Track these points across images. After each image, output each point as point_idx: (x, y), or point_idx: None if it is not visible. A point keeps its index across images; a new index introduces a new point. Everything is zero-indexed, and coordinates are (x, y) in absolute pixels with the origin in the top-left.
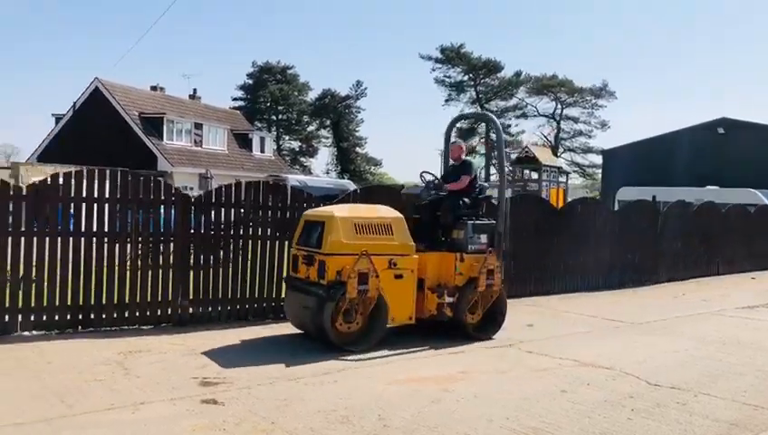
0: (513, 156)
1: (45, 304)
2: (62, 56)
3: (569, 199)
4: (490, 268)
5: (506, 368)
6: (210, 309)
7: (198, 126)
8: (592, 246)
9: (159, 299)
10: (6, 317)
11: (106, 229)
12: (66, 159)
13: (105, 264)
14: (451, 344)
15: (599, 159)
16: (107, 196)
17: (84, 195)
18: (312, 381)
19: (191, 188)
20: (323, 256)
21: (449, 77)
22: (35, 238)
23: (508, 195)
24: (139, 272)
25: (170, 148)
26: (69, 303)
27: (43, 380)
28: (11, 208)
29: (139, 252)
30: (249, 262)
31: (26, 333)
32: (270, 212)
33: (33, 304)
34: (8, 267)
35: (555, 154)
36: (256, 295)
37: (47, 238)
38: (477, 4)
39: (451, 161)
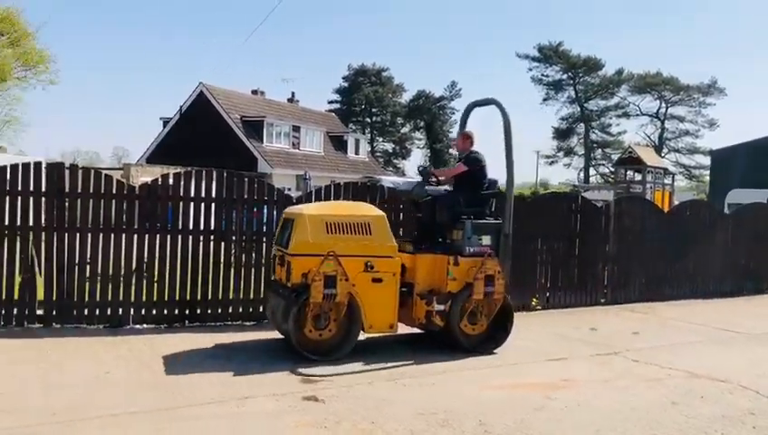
0: (615, 157)
1: (156, 298)
2: (170, 62)
3: (675, 202)
4: (489, 274)
5: (611, 377)
6: None
7: (296, 129)
8: (702, 251)
9: (262, 296)
10: (120, 310)
11: (212, 227)
12: (173, 160)
13: (211, 261)
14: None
15: (706, 160)
16: (213, 195)
17: (192, 194)
18: (411, 383)
19: (289, 189)
20: (290, 256)
21: (547, 76)
22: (147, 235)
23: (609, 197)
24: (243, 270)
25: (269, 150)
26: (177, 298)
27: (154, 371)
28: (124, 207)
29: (243, 250)
30: None
31: (138, 326)
32: None
33: (144, 299)
34: (122, 262)
35: (659, 155)
36: None
37: (157, 235)
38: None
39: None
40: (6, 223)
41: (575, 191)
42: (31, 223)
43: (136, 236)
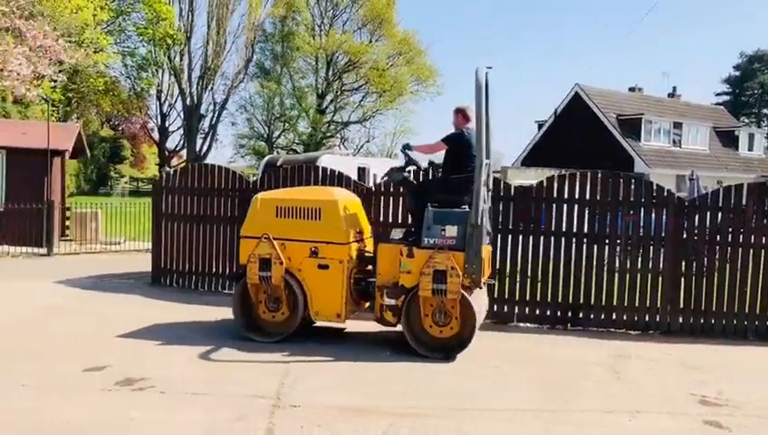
0: None
1: (539, 299)
2: (544, 64)
3: None
4: (439, 269)
5: None
6: (702, 321)
7: (677, 125)
8: None
9: (648, 305)
10: (505, 308)
11: (593, 231)
12: (546, 162)
13: (594, 265)
14: None
15: None
16: (589, 197)
17: (566, 196)
18: None
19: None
20: (241, 238)
21: None
22: (531, 237)
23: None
24: (627, 275)
25: (647, 149)
26: (559, 300)
27: (539, 371)
28: (500, 208)
29: (627, 255)
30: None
31: (521, 324)
32: None
33: (528, 298)
34: (507, 262)
35: None
36: (757, 312)
37: (541, 237)
38: None
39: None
40: (409, 221)
41: None
42: None
43: (520, 237)
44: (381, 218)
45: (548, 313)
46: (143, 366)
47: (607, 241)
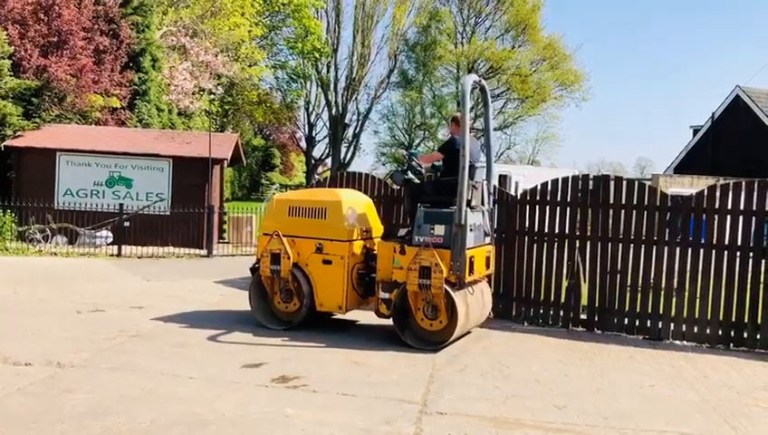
0: None
1: (697, 316)
2: (701, 68)
3: None
4: (424, 265)
5: None
6: None
7: None
8: None
9: None
10: (659, 324)
11: (760, 245)
12: (701, 170)
13: (762, 280)
14: None
15: None
16: (754, 208)
17: (730, 207)
18: None
19: None
20: (261, 235)
21: None
22: (689, 250)
23: None
24: None
25: None
26: (721, 318)
27: (699, 393)
28: (656, 218)
29: None
30: None
31: (677, 342)
32: None
33: (684, 315)
34: (663, 275)
35: None
36: None
37: (700, 250)
38: None
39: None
40: (556, 231)
41: None
42: (576, 232)
43: (668, 248)
44: (527, 226)
45: (708, 331)
46: (298, 365)
47: None
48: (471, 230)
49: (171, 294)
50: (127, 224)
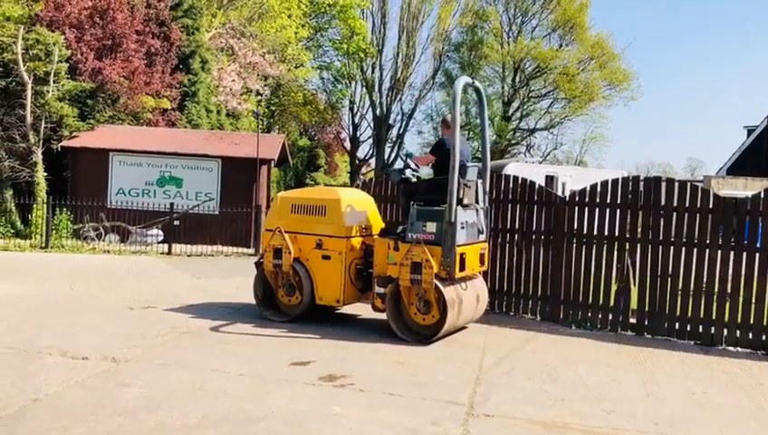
0: None
1: (752, 321)
2: (757, 66)
3: None
4: (415, 261)
5: None
6: None
7: None
8: None
9: None
10: (712, 329)
11: None
12: (757, 171)
13: None
14: None
15: None
16: None
17: None
18: None
19: None
20: (264, 230)
21: None
22: (744, 254)
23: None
24: None
25: None
26: None
27: (755, 400)
28: (709, 222)
29: None
30: None
31: (730, 348)
32: None
33: (739, 320)
34: (716, 279)
35: None
36: None
37: (756, 254)
38: None
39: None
40: (605, 233)
41: None
42: (627, 235)
43: (721, 251)
44: (576, 228)
45: (763, 337)
46: (345, 364)
47: None
48: (463, 228)
49: (219, 291)
50: (177, 223)
